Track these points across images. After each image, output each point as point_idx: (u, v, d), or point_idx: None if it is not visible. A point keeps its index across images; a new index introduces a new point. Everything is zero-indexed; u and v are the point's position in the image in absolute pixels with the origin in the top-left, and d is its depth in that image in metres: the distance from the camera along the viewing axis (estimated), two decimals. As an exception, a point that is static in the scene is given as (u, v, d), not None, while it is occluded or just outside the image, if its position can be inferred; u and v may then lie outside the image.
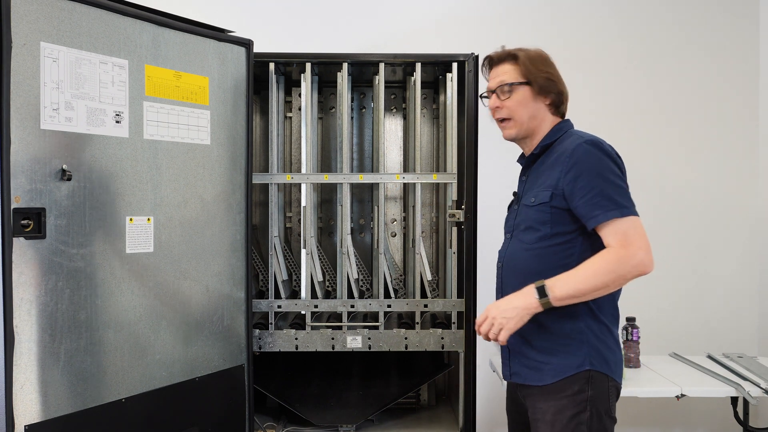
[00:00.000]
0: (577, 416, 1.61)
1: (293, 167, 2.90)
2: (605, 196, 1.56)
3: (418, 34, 3.15)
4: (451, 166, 2.47)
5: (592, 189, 1.57)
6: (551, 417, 1.63)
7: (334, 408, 2.58)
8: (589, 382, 1.62)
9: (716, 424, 3.20)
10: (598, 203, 1.56)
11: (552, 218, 1.64)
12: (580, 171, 1.59)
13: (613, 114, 3.15)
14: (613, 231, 1.56)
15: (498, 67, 1.75)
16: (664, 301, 3.17)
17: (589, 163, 1.59)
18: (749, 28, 3.20)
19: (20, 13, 1.65)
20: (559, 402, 1.62)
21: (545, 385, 1.65)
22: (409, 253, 2.72)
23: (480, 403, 2.53)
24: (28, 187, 1.67)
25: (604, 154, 1.61)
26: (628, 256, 1.53)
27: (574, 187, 1.59)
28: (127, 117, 1.91)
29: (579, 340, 1.63)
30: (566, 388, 1.63)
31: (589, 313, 1.64)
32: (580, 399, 1.61)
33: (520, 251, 1.70)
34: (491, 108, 1.75)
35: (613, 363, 1.66)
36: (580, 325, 1.63)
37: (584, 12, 3.18)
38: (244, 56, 2.27)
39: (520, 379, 1.72)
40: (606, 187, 1.57)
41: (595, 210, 1.56)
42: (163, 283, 2.02)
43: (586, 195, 1.57)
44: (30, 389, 1.68)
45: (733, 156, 3.20)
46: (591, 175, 1.58)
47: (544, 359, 1.65)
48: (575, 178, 1.59)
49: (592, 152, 1.60)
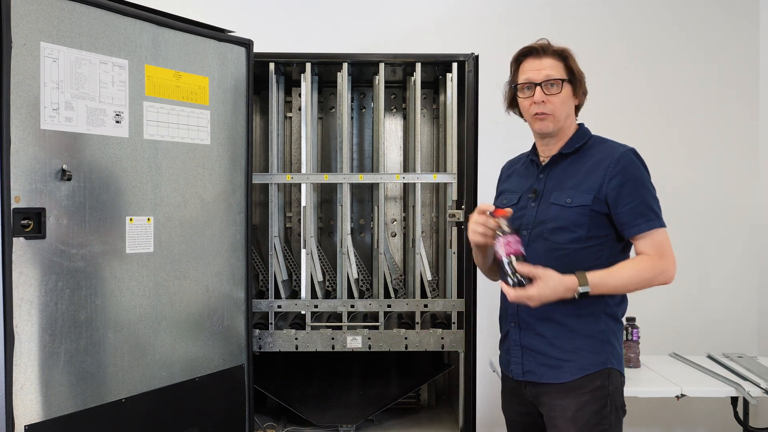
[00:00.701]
0: (600, 411, 1.65)
1: (293, 167, 2.90)
2: (648, 206, 1.65)
3: (418, 34, 3.15)
4: (451, 166, 2.47)
5: (637, 197, 1.64)
6: (572, 413, 1.65)
7: (334, 408, 2.58)
8: (609, 378, 1.68)
9: (716, 424, 3.20)
10: (642, 212, 1.64)
11: (590, 221, 1.66)
12: (626, 179, 1.65)
13: (613, 114, 3.15)
14: (651, 240, 1.65)
15: (542, 59, 1.71)
16: (664, 301, 3.16)
17: (635, 172, 1.66)
18: (749, 28, 3.20)
19: (20, 13, 1.64)
20: (580, 398, 1.65)
21: (564, 382, 1.67)
22: (409, 253, 2.72)
23: (480, 403, 2.53)
24: (28, 187, 1.66)
25: (644, 166, 1.69)
26: (664, 268, 1.65)
27: (619, 194, 1.64)
28: (127, 117, 1.91)
29: (601, 340, 1.69)
30: (587, 385, 1.66)
31: (611, 314, 1.71)
32: (602, 394, 1.66)
33: (545, 251, 1.68)
34: (535, 101, 1.69)
35: (623, 359, 1.75)
36: (601, 326, 1.69)
37: (584, 12, 3.18)
38: (244, 56, 2.27)
39: (535, 377, 1.72)
40: (649, 197, 1.66)
41: (638, 219, 1.64)
42: (163, 283, 2.02)
43: (631, 203, 1.64)
44: (30, 389, 1.68)
45: (733, 156, 3.20)
46: (637, 184, 1.65)
47: (566, 357, 1.68)
48: (621, 185, 1.64)
49: (636, 162, 1.68)
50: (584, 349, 1.67)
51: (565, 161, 1.75)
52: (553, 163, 1.76)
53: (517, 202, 1.79)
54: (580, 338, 1.68)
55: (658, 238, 1.65)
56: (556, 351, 1.69)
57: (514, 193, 1.83)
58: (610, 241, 1.68)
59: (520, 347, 1.75)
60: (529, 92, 1.72)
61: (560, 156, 1.75)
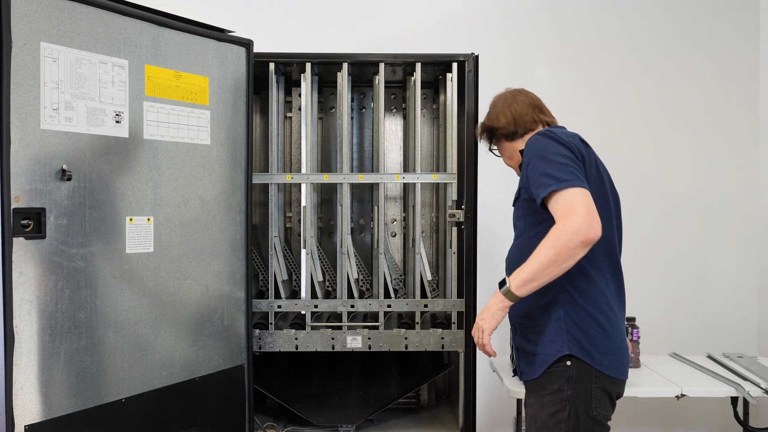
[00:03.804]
0: (555, 414, 1.63)
1: (293, 167, 2.90)
2: (545, 173, 1.59)
3: (418, 34, 3.15)
4: (451, 166, 2.47)
5: (535, 170, 1.63)
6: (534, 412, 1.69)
7: (334, 408, 2.58)
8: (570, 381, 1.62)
9: (716, 424, 3.20)
10: (539, 182, 1.60)
11: (524, 212, 1.73)
12: (528, 159, 1.68)
13: (613, 114, 3.15)
14: (554, 206, 1.57)
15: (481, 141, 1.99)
16: (664, 301, 3.17)
17: (534, 149, 1.67)
18: (749, 27, 3.20)
19: (20, 13, 1.64)
20: (542, 399, 1.67)
21: (533, 379, 1.70)
22: (409, 253, 2.72)
23: (480, 403, 2.54)
24: (28, 187, 1.66)
25: (550, 139, 1.66)
26: (565, 225, 1.52)
27: (527, 176, 1.67)
28: (127, 117, 1.91)
29: (558, 328, 1.64)
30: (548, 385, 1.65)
31: (571, 300, 1.64)
32: (561, 398, 1.63)
33: (511, 249, 1.81)
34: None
35: (598, 354, 1.62)
36: (559, 313, 1.65)
37: (584, 12, 3.18)
38: (244, 56, 2.27)
39: (524, 376, 1.75)
40: (546, 166, 1.60)
41: (539, 189, 1.60)
42: (163, 283, 2.02)
43: (532, 177, 1.64)
44: (30, 389, 1.68)
45: (733, 156, 3.20)
46: (535, 158, 1.65)
47: (533, 351, 1.70)
48: (526, 167, 1.68)
49: (538, 139, 1.68)
50: (546, 340, 1.66)
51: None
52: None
53: None
54: (543, 329, 1.67)
55: (560, 200, 1.55)
56: (529, 346, 1.71)
57: None
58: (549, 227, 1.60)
59: (515, 349, 1.80)
60: None
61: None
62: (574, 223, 1.50)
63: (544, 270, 1.54)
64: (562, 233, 1.51)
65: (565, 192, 1.54)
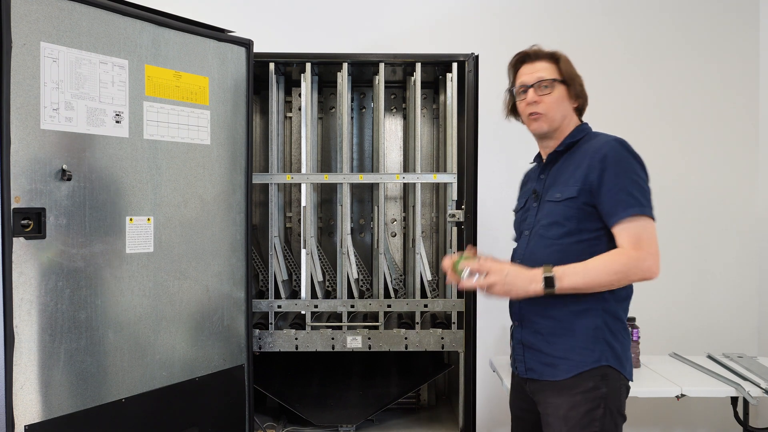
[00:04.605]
0: (591, 412, 1.63)
1: (293, 167, 2.90)
2: (628, 192, 1.60)
3: (418, 34, 3.15)
4: (451, 166, 2.47)
5: (617, 185, 1.61)
6: (564, 412, 1.65)
7: (334, 408, 2.58)
8: (604, 379, 1.65)
9: (716, 424, 3.20)
10: (622, 199, 1.60)
11: (578, 214, 1.66)
12: (607, 166, 1.62)
13: (613, 114, 3.15)
14: (627, 231, 1.59)
15: (534, 63, 1.76)
16: (664, 301, 3.17)
17: (616, 159, 1.63)
18: (749, 28, 3.20)
19: (20, 13, 1.64)
20: (573, 398, 1.64)
21: (559, 380, 1.67)
22: (409, 253, 2.72)
23: (480, 403, 2.53)
24: (28, 187, 1.66)
25: (630, 154, 1.65)
26: (638, 260, 1.57)
27: (601, 182, 1.62)
28: (127, 117, 1.91)
29: (596, 337, 1.66)
30: (580, 384, 1.65)
31: (609, 312, 1.67)
32: (595, 395, 1.64)
33: (541, 247, 1.70)
34: (528, 102, 1.74)
35: (625, 360, 1.69)
36: (597, 323, 1.66)
37: (584, 12, 3.18)
38: (244, 56, 2.27)
39: (536, 375, 1.72)
40: (630, 184, 1.61)
41: (617, 206, 1.60)
42: (163, 283, 2.02)
43: (612, 189, 1.61)
44: (30, 389, 1.68)
45: (733, 156, 3.20)
46: (618, 171, 1.62)
47: (561, 355, 1.67)
48: (602, 172, 1.62)
49: (620, 150, 1.64)
50: (579, 347, 1.66)
51: (560, 159, 1.77)
52: (550, 163, 1.79)
53: (523, 205, 1.85)
54: (573, 335, 1.66)
55: (636, 227, 1.59)
56: (553, 348, 1.68)
57: (522, 198, 1.89)
58: (604, 236, 1.65)
59: (522, 345, 1.76)
60: (524, 95, 1.77)
61: (555, 154, 1.77)
62: (647, 263, 1.58)
63: (596, 287, 1.60)
64: (632, 266, 1.58)
65: (644, 221, 1.60)
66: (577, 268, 1.60)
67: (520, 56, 1.80)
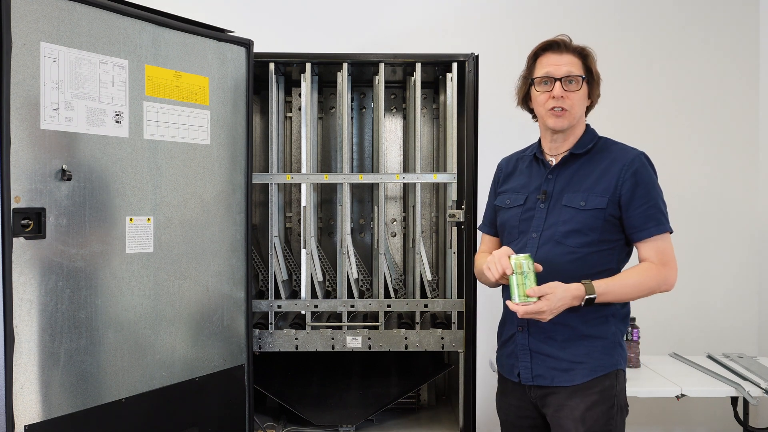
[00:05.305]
0: (608, 411, 1.65)
1: (293, 167, 2.90)
2: (659, 209, 1.65)
3: (418, 34, 3.15)
4: (451, 166, 2.47)
5: (649, 201, 1.64)
6: (581, 413, 1.65)
7: (334, 408, 2.57)
8: (617, 378, 1.69)
9: (716, 424, 3.20)
10: (654, 216, 1.64)
11: (604, 225, 1.65)
12: (639, 181, 1.64)
13: (612, 114, 3.14)
14: (655, 247, 1.65)
15: (562, 55, 1.69)
16: (664, 301, 3.15)
17: (647, 175, 1.66)
18: (749, 28, 3.19)
19: (20, 13, 1.64)
20: (589, 398, 1.65)
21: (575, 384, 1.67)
22: (409, 253, 2.72)
23: (480, 403, 2.53)
24: (28, 187, 1.66)
25: (653, 169, 1.70)
26: (666, 276, 1.65)
27: (632, 197, 1.64)
28: (127, 117, 1.91)
29: (612, 342, 1.69)
30: (596, 385, 1.66)
31: (618, 316, 1.72)
32: (610, 394, 1.66)
33: (559, 255, 1.67)
34: (554, 95, 1.67)
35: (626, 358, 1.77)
36: (611, 328, 1.70)
37: (584, 12, 3.17)
38: (244, 56, 2.27)
39: (546, 381, 1.70)
40: (660, 201, 1.66)
41: (650, 222, 1.63)
42: (163, 283, 2.02)
43: (644, 206, 1.63)
44: (30, 389, 1.68)
45: (733, 156, 3.20)
46: (649, 187, 1.65)
47: (579, 360, 1.67)
48: (634, 188, 1.64)
49: (647, 165, 1.68)
50: (597, 351, 1.67)
51: (576, 162, 1.73)
52: (564, 164, 1.74)
53: (523, 203, 1.77)
54: (592, 341, 1.67)
55: (662, 244, 1.66)
56: (568, 354, 1.68)
57: (518, 194, 1.80)
58: (619, 246, 1.69)
59: (529, 351, 1.73)
60: (546, 87, 1.69)
61: (571, 156, 1.73)
62: (672, 279, 1.67)
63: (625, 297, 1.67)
64: (661, 282, 1.66)
65: (668, 237, 1.68)
66: (615, 286, 1.62)
67: (546, 44, 1.72)
